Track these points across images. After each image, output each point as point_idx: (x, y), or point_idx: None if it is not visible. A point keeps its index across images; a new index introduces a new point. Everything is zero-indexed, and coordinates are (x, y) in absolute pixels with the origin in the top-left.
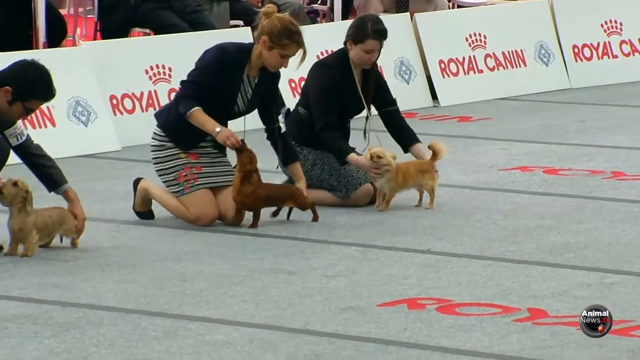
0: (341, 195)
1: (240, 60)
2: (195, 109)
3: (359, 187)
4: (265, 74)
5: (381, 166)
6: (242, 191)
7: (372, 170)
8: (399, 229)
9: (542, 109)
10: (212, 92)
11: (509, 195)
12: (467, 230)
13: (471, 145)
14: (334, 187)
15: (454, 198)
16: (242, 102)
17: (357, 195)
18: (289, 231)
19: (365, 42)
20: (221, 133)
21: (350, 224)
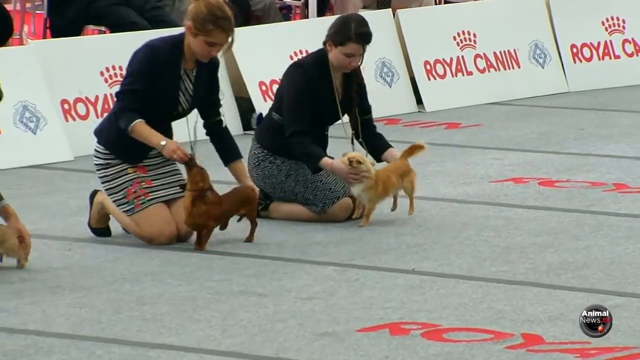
0: (317, 209)
1: (174, 55)
2: (137, 122)
3: (336, 202)
4: (203, 65)
5: (360, 172)
6: (195, 213)
7: (349, 176)
8: (381, 247)
9: (537, 114)
10: (152, 97)
11: (501, 209)
12: (456, 248)
13: (460, 154)
14: (309, 200)
15: (441, 212)
16: (184, 100)
17: (335, 210)
18: (259, 249)
19: (346, 45)
20: (167, 147)
21: (327, 241)
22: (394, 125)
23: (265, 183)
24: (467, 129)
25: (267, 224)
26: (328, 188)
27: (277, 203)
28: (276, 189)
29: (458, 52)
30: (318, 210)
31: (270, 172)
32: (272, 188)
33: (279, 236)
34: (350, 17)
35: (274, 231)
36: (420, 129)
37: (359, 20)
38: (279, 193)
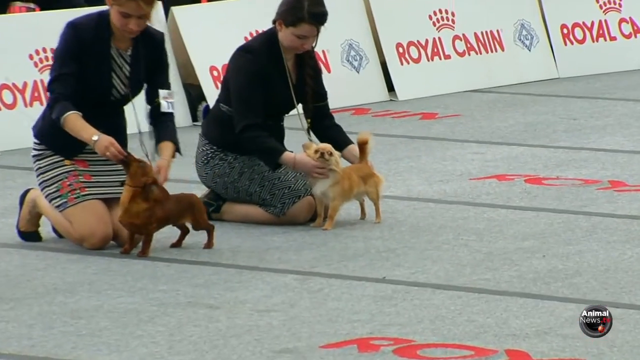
0: (275, 211)
1: (101, 32)
2: (69, 114)
3: (297, 201)
4: (141, 43)
5: (328, 166)
6: (132, 210)
7: (315, 170)
8: (348, 252)
9: (523, 103)
10: (82, 81)
11: (483, 210)
12: (432, 253)
13: (437, 148)
14: (266, 201)
15: (415, 214)
16: (120, 83)
17: (295, 211)
18: (210, 256)
19: (298, 26)
20: (99, 143)
21: (287, 246)
22: (363, 116)
23: (216, 183)
24: (445, 120)
25: (220, 228)
26: (287, 186)
27: (231, 204)
28: (229, 189)
29: (434, 33)
30: (276, 212)
31: (221, 170)
32: (224, 188)
33: (232, 241)
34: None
35: (227, 235)
36: (392, 120)
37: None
38: (232, 193)
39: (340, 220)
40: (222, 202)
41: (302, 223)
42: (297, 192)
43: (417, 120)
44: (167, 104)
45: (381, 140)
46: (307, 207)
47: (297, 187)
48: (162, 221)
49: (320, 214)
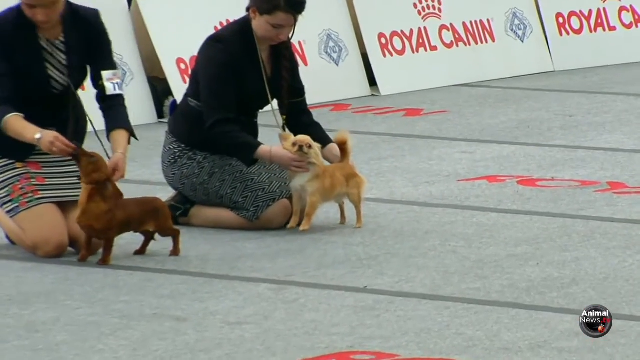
0: (248, 215)
1: (22, 23)
2: (8, 117)
3: (272, 204)
4: (73, 27)
5: (307, 159)
6: (90, 211)
7: (293, 164)
8: (326, 260)
9: (516, 98)
10: (18, 79)
11: (472, 214)
12: (417, 261)
13: (422, 147)
14: (238, 204)
15: (399, 218)
16: (58, 73)
17: (270, 215)
18: (177, 264)
19: (273, 14)
20: (43, 139)
21: (261, 252)
22: (342, 112)
23: (184, 184)
24: (431, 117)
25: (188, 233)
26: (261, 188)
27: (200, 207)
28: (198, 191)
29: (420, 23)
30: (249, 216)
31: (190, 170)
32: (193, 190)
33: (201, 247)
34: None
35: (196, 241)
36: (374, 117)
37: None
38: (201, 196)
39: (318, 225)
40: (190, 206)
41: (277, 228)
42: (272, 195)
43: (401, 117)
44: (112, 85)
45: (362, 138)
46: (283, 211)
47: (272, 189)
48: (124, 226)
49: (296, 212)
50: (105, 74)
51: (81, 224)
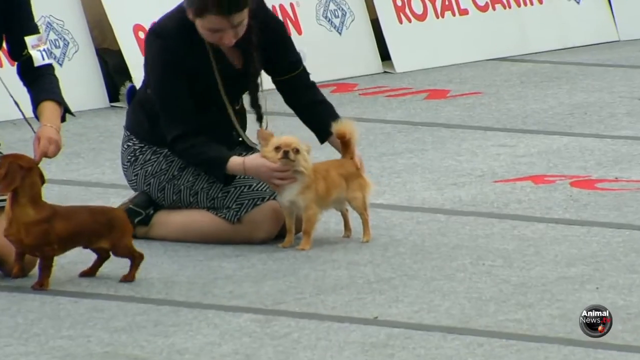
0: (229, 215)
1: None
2: None
3: (260, 204)
4: None
5: (293, 167)
6: (18, 221)
7: (275, 176)
8: (326, 283)
9: (569, 76)
10: None
11: (512, 224)
12: (442, 284)
13: (448, 139)
14: (217, 201)
15: (419, 230)
16: None
17: (256, 216)
18: (135, 288)
19: (205, 18)
20: None
21: (243, 274)
22: (346, 94)
23: (150, 184)
24: (460, 100)
25: (148, 247)
26: (247, 184)
27: (165, 212)
28: (167, 190)
29: None
30: (230, 216)
31: (156, 166)
32: (161, 190)
33: (166, 267)
34: None
35: (159, 259)
36: (387, 100)
37: None
38: (170, 195)
39: (316, 239)
40: (153, 211)
41: (264, 239)
42: (260, 194)
43: (422, 100)
44: (40, 53)
45: (372, 127)
46: (273, 215)
47: (260, 188)
48: (66, 241)
49: (290, 229)
50: (29, 40)
51: (9, 236)
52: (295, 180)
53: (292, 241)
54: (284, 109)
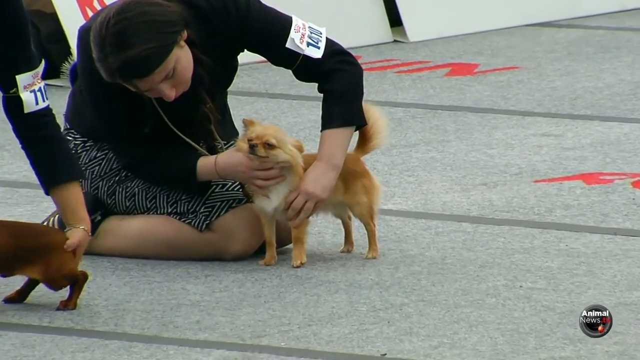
0: (196, 221)
1: None
2: None
3: (236, 207)
4: None
5: (276, 163)
6: None
7: (255, 175)
8: (320, 311)
9: (630, 46)
10: None
11: (558, 235)
12: (468, 312)
13: (476, 126)
14: (179, 206)
15: (439, 242)
16: None
17: (229, 223)
18: (75, 318)
19: (125, 83)
20: None
21: (214, 299)
22: None
23: (99, 188)
24: (491, 77)
25: (92, 265)
26: (219, 183)
27: (116, 219)
28: (118, 195)
29: None
30: (198, 222)
31: (105, 166)
32: (110, 196)
33: (115, 291)
34: (96, 32)
35: (107, 280)
36: (398, 77)
37: (113, 37)
38: (123, 201)
39: (307, 254)
40: (101, 217)
41: (240, 253)
42: (236, 194)
43: (442, 76)
44: (33, 95)
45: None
46: (252, 222)
47: (236, 188)
48: None
49: (270, 242)
50: (22, 79)
51: None
52: (284, 179)
53: (274, 257)
54: (267, 88)
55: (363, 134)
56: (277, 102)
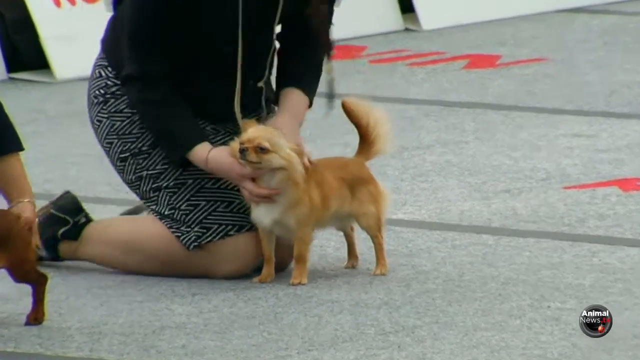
0: (186, 238)
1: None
2: None
3: (234, 234)
4: None
5: (270, 170)
6: None
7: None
8: (321, 334)
9: None
10: None
11: (591, 249)
12: (489, 336)
13: (498, 126)
14: (176, 213)
15: (456, 257)
16: None
17: (223, 250)
18: (46, 342)
19: None
20: None
21: (201, 320)
22: (352, 61)
23: (112, 145)
24: (515, 69)
25: (63, 281)
26: (225, 200)
27: (101, 222)
28: (128, 165)
29: None
30: (188, 240)
31: (127, 126)
32: (121, 160)
33: (90, 311)
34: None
35: (81, 299)
36: (409, 70)
37: None
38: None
39: (309, 270)
40: (85, 219)
41: (229, 275)
42: (239, 219)
43: (459, 69)
44: None
45: (388, 110)
46: (249, 249)
47: (243, 209)
48: None
49: (269, 258)
50: None
51: None
52: (277, 192)
53: (271, 274)
54: None
55: (363, 136)
56: None
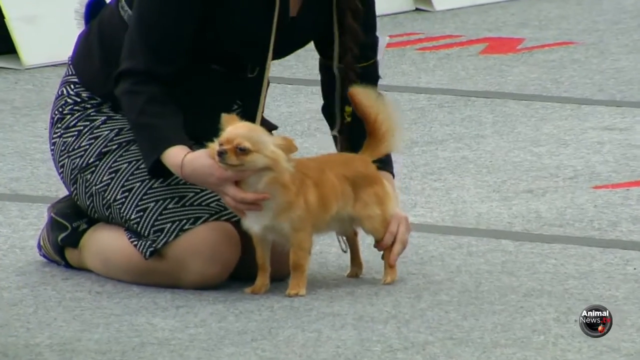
0: (142, 247)
1: None
2: None
3: (189, 229)
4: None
5: (254, 171)
6: None
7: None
8: (321, 351)
9: None
10: None
11: (625, 256)
12: (510, 353)
13: (519, 118)
14: (130, 225)
15: (473, 264)
16: None
17: (182, 251)
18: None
19: None
20: None
21: (187, 336)
22: None
23: (64, 166)
24: (538, 55)
25: (32, 293)
26: (176, 195)
27: (90, 230)
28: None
29: None
30: (144, 247)
31: (75, 141)
32: (73, 182)
33: (62, 325)
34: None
35: (50, 312)
36: (420, 56)
37: None
38: (83, 197)
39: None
40: (86, 225)
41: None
42: (194, 210)
43: (476, 54)
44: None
45: (398, 99)
46: (205, 247)
47: (201, 200)
48: None
49: (263, 266)
50: None
51: None
52: (266, 197)
53: (265, 285)
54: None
55: (372, 131)
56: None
